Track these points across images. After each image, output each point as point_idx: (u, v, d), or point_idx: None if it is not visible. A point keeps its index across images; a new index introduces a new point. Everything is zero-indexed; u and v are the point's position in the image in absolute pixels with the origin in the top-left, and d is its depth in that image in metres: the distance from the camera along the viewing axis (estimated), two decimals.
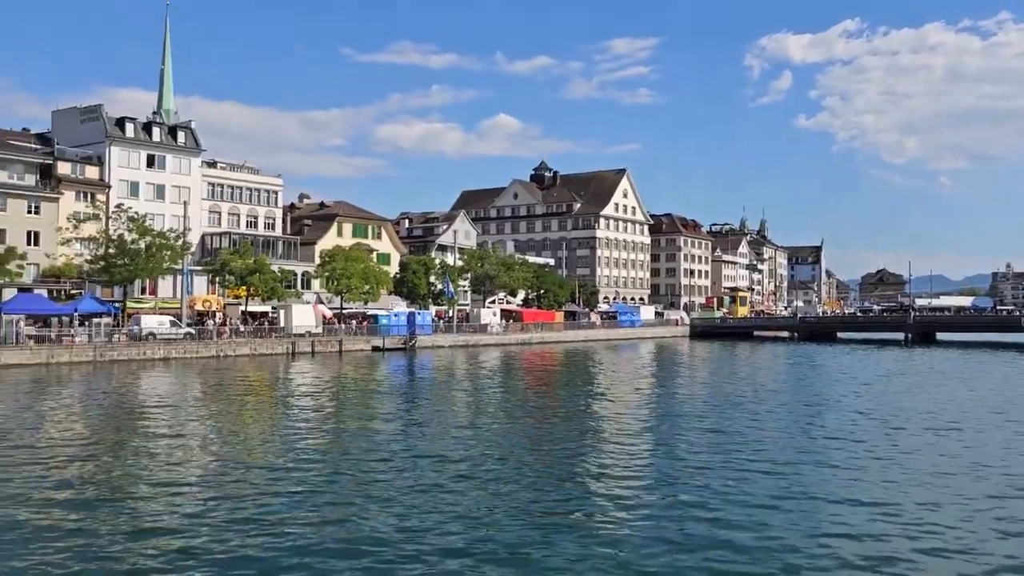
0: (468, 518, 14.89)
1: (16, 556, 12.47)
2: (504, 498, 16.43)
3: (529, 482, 17.97)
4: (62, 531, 13.80)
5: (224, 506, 15.50)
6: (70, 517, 14.68)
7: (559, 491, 17.15)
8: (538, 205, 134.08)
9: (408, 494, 16.57)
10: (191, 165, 78.12)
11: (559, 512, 15.44)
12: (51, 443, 22.47)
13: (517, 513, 15.31)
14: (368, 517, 14.85)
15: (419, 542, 13.43)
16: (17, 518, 14.51)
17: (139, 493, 16.65)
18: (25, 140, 73.73)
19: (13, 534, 13.53)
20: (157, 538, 13.54)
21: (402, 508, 15.48)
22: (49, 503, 15.68)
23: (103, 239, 61.36)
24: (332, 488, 17.09)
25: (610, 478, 18.52)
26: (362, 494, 16.58)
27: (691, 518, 15.04)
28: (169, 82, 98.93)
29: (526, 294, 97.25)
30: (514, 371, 51.24)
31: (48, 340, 51.04)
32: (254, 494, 16.46)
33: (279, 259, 77.69)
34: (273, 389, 38.92)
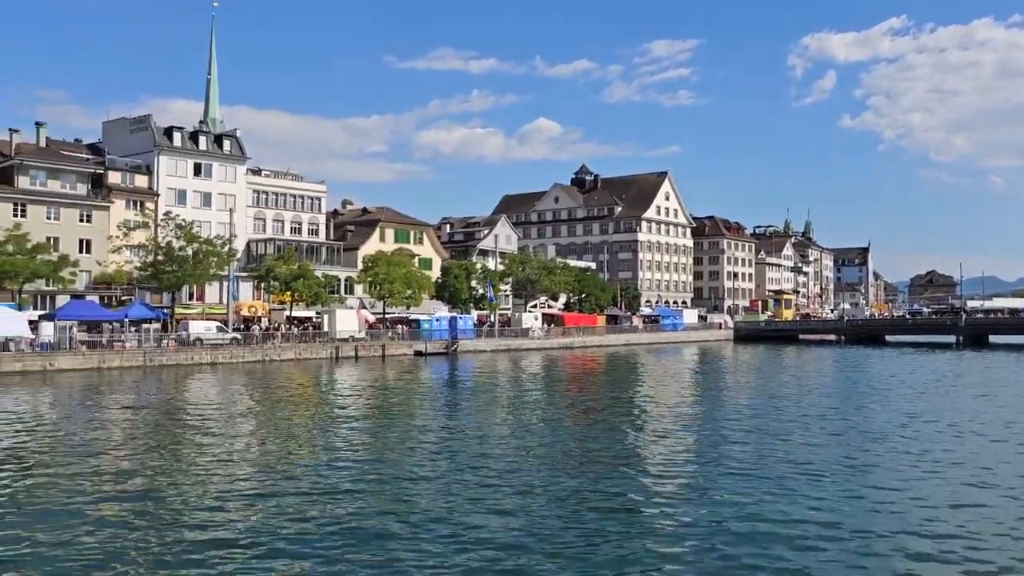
0: (511, 520, 14.82)
1: (68, 552, 12.70)
2: (547, 499, 16.33)
3: (573, 484, 17.85)
4: (111, 528, 14.03)
5: (270, 506, 15.63)
6: (120, 516, 14.92)
7: (604, 493, 17.00)
8: (579, 209, 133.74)
9: (451, 495, 16.56)
10: (236, 173, 79.40)
11: (604, 513, 15.29)
12: (102, 445, 22.91)
13: (560, 514, 15.21)
14: (411, 517, 14.86)
15: (462, 542, 13.40)
16: (69, 517, 14.78)
17: (188, 494, 16.87)
18: (77, 151, 75.64)
19: (65, 532, 13.78)
20: (204, 537, 13.69)
21: (445, 509, 15.47)
22: (99, 502, 15.95)
23: (152, 246, 62.61)
24: (376, 490, 17.15)
25: (654, 481, 18.32)
26: (406, 495, 16.61)
27: (736, 520, 14.80)
28: (215, 92, 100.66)
29: (567, 298, 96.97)
30: (556, 375, 51.09)
31: (100, 345, 52.18)
32: (299, 493, 16.59)
33: (323, 265, 78.54)
34: (318, 393, 39.29)
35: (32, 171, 66.88)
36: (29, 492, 17.04)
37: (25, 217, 64.04)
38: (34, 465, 19.99)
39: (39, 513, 15.21)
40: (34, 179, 66.90)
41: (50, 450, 22.15)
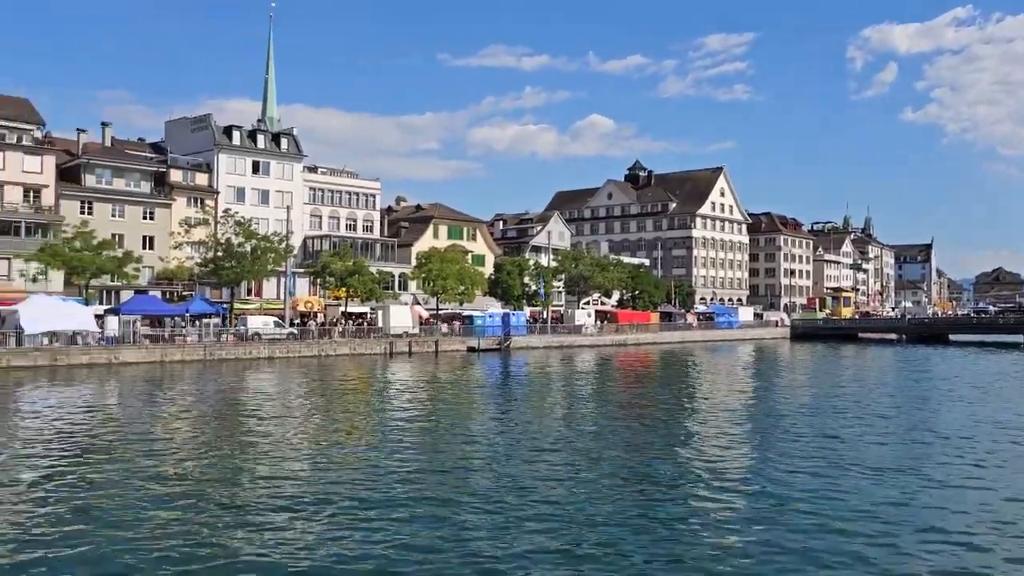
0: (564, 514, 14.77)
1: (127, 542, 13.04)
2: (601, 495, 16.25)
3: (627, 481, 17.73)
4: (170, 517, 14.35)
5: (323, 500, 15.84)
6: (179, 503, 15.26)
7: (657, 490, 16.84)
8: (633, 205, 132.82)
9: (504, 491, 16.57)
10: (293, 170, 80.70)
11: (658, 510, 15.15)
12: (164, 435, 23.50)
13: (613, 511, 15.11)
14: (463, 512, 14.91)
15: (514, 540, 13.39)
16: (132, 502, 15.18)
17: (247, 484, 17.18)
18: (141, 150, 77.71)
19: (128, 515, 14.15)
20: (260, 529, 13.93)
21: (497, 505, 15.48)
22: (158, 491, 16.34)
23: (212, 243, 64.03)
24: (429, 484, 17.25)
25: (710, 479, 18.08)
26: (459, 488, 16.67)
27: (792, 518, 14.52)
28: (272, 91, 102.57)
29: (621, 295, 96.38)
30: (609, 372, 50.82)
31: (162, 339, 53.55)
32: (351, 487, 16.76)
33: (377, 261, 79.38)
34: (372, 387, 39.72)
35: (98, 170, 68.94)
36: (93, 478, 17.54)
37: (92, 214, 66.04)
38: (99, 453, 20.59)
39: (103, 498, 15.64)
40: (100, 177, 68.93)
41: (115, 439, 22.78)
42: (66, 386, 37.28)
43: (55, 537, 13.28)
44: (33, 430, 24.47)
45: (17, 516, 14.56)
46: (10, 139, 64.58)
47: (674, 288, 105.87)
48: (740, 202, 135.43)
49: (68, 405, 30.44)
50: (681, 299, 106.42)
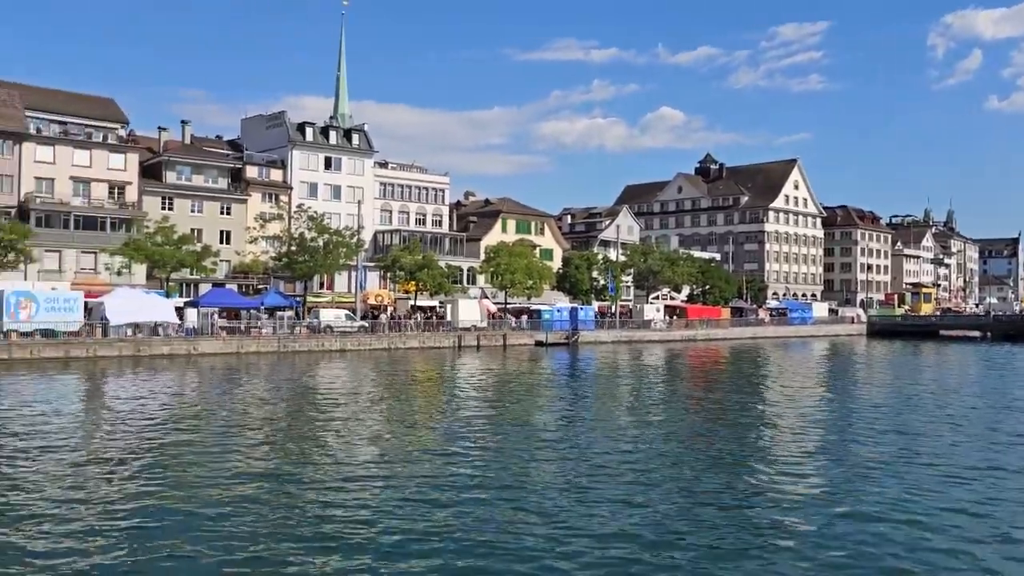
0: (629, 513, 14.64)
1: (204, 530, 13.42)
2: (667, 492, 16.05)
3: (694, 479, 17.48)
4: (244, 503, 14.72)
5: (390, 491, 16.02)
6: (253, 491, 15.63)
7: (726, 489, 16.55)
8: (703, 198, 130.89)
9: (570, 486, 16.51)
10: (364, 166, 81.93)
11: (725, 510, 14.90)
12: (241, 425, 24.13)
13: (680, 509, 14.92)
14: (529, 505, 14.91)
15: (580, 534, 13.33)
16: (208, 495, 15.62)
17: (318, 473, 17.51)
18: (218, 147, 79.94)
19: (205, 508, 14.57)
20: (330, 514, 14.18)
21: (562, 500, 15.44)
22: (235, 481, 16.76)
23: (286, 237, 65.50)
24: (498, 477, 17.30)
25: (780, 478, 17.68)
26: (525, 484, 16.69)
27: (866, 523, 14.09)
28: (344, 88, 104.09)
29: (691, 290, 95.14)
30: (678, 368, 50.23)
31: (238, 331, 55.01)
32: (420, 479, 16.92)
33: (446, 255, 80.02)
34: (441, 380, 40.08)
35: (178, 167, 71.20)
36: (173, 466, 18.12)
37: (172, 210, 68.25)
38: (180, 441, 21.25)
39: (183, 486, 16.14)
40: (180, 174, 71.18)
41: (195, 427, 23.49)
42: (149, 376, 38.62)
43: (136, 519, 13.76)
44: (120, 417, 25.42)
45: (104, 496, 15.12)
46: (96, 138, 67.16)
47: (745, 283, 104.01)
48: (815, 195, 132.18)
49: (151, 394, 31.53)
50: (753, 294, 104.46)
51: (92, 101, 71.75)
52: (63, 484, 16.25)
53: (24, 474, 17.12)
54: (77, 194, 65.01)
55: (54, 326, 46.77)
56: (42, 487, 15.97)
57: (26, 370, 39.57)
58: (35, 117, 65.34)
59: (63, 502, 14.85)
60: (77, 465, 18.12)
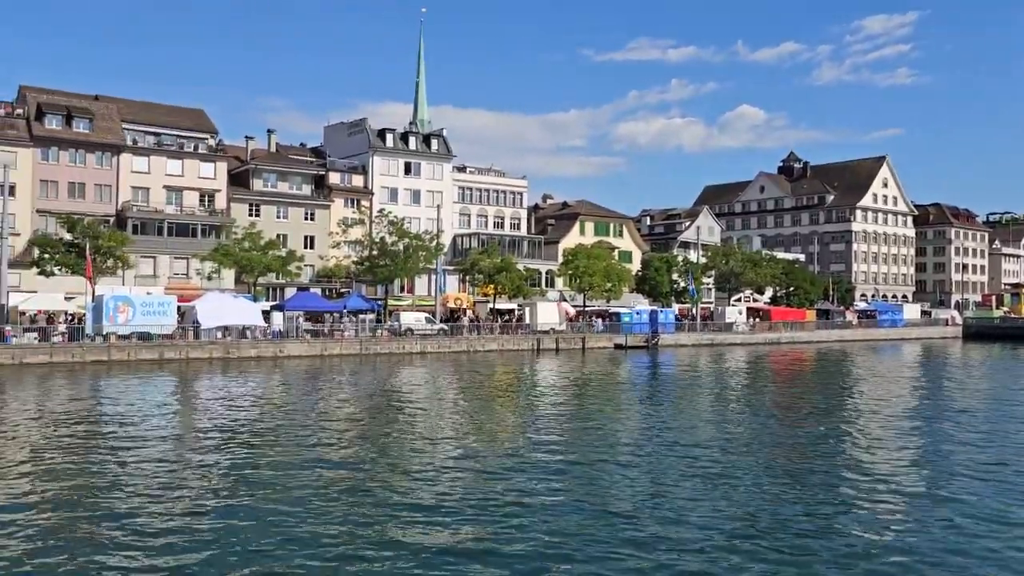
0: (715, 522, 14.34)
1: (288, 527, 13.72)
2: (751, 499, 15.66)
3: (778, 486, 17.00)
4: (326, 506, 14.99)
5: (472, 492, 16.08)
6: (336, 494, 15.91)
7: (813, 497, 16.05)
8: (787, 198, 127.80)
9: (649, 490, 16.28)
10: (443, 171, 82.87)
11: (811, 519, 14.44)
12: (325, 425, 24.64)
13: (763, 516, 14.53)
14: (610, 512, 14.75)
15: (662, 542, 13.12)
16: (293, 494, 15.97)
17: (399, 473, 17.72)
18: (302, 154, 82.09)
19: (290, 507, 14.90)
20: (409, 518, 14.31)
21: (642, 503, 15.23)
22: (320, 480, 17.09)
23: (367, 242, 66.74)
24: (575, 483, 17.19)
25: (868, 488, 17.05)
26: (605, 487, 16.53)
27: (959, 536, 13.46)
28: (423, 93, 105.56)
29: (774, 291, 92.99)
30: (762, 371, 49.11)
31: (322, 334, 56.25)
32: (499, 480, 16.94)
33: (524, 258, 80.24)
34: (520, 383, 40.14)
35: (265, 174, 73.40)
36: (262, 463, 18.61)
37: (259, 216, 70.38)
38: (269, 440, 21.82)
39: (272, 483, 16.55)
40: (266, 181, 73.37)
41: (282, 426, 24.09)
42: (238, 377, 39.83)
43: (224, 516, 14.16)
44: (212, 416, 26.30)
45: (196, 492, 15.64)
46: (188, 148, 69.78)
47: (832, 284, 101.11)
48: (905, 193, 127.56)
49: (241, 394, 32.51)
50: (839, 296, 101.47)
51: (184, 113, 74.58)
52: (156, 480, 16.87)
53: (121, 470, 17.84)
54: (170, 202, 67.67)
55: (149, 329, 48.69)
56: (137, 481, 16.61)
57: (123, 371, 41.34)
58: (131, 129, 68.31)
59: (155, 497, 15.40)
60: (171, 461, 18.80)
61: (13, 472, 17.69)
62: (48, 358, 43.92)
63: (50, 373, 40.02)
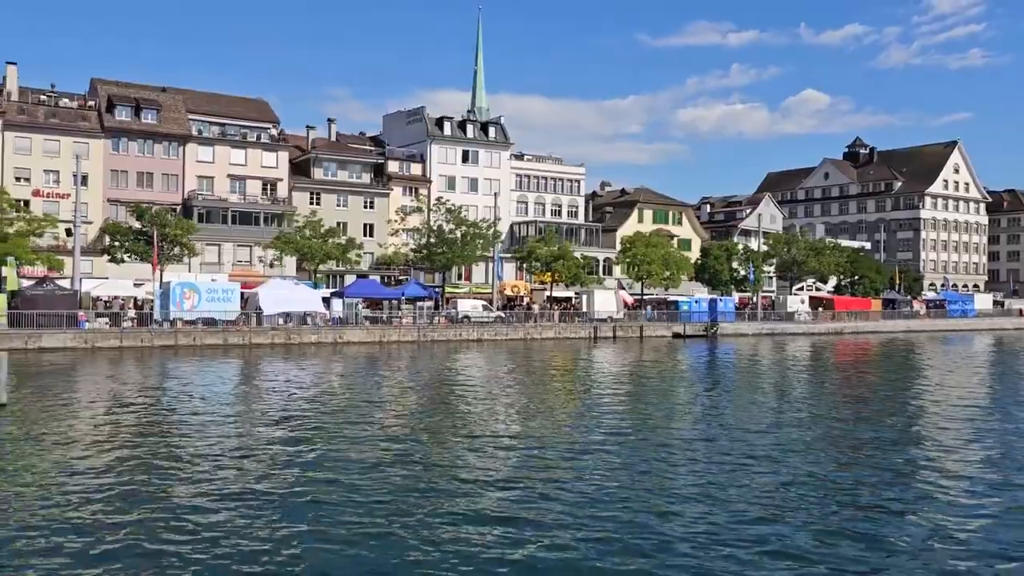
0: (777, 522, 14.04)
1: (348, 514, 13.85)
2: (813, 496, 15.29)
3: (842, 483, 16.57)
4: (384, 492, 15.11)
5: (526, 482, 16.04)
6: (394, 479, 16.03)
7: (880, 496, 15.61)
8: (852, 185, 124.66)
9: (708, 484, 16.03)
10: (501, 158, 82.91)
11: (880, 522, 14.04)
12: (386, 410, 24.89)
13: (826, 514, 14.17)
14: (668, 507, 14.56)
15: (719, 540, 12.90)
16: (353, 480, 16.15)
17: (455, 460, 17.77)
18: (362, 143, 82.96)
19: (351, 493, 15.06)
20: (463, 506, 14.34)
21: (702, 498, 15.00)
22: (379, 465, 17.24)
23: (425, 230, 67.22)
24: (632, 477, 17.02)
25: (938, 488, 16.50)
26: (662, 480, 16.33)
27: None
28: (481, 81, 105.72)
29: (838, 280, 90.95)
30: (824, 362, 48.06)
31: (380, 321, 56.91)
32: (555, 469, 16.86)
33: (582, 246, 79.90)
34: (577, 371, 39.99)
35: (325, 163, 74.45)
36: (324, 448, 18.87)
37: (319, 205, 71.45)
38: (330, 424, 22.12)
39: (332, 467, 16.77)
40: (326, 170, 74.40)
41: (343, 412, 24.40)
42: (299, 362, 40.53)
43: (287, 502, 14.39)
44: (275, 399, 26.80)
45: (259, 476, 15.93)
46: (251, 137, 71.12)
47: (899, 273, 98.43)
48: (978, 179, 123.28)
49: (303, 379, 33.06)
50: (907, 285, 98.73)
51: (247, 103, 75.97)
52: (220, 461, 17.22)
53: (187, 452, 18.27)
54: (234, 191, 69.15)
55: (214, 315, 49.85)
56: (202, 464, 16.98)
57: (190, 356, 42.43)
58: (197, 120, 69.88)
59: (219, 478, 15.73)
60: (235, 444, 19.18)
61: (85, 453, 18.27)
62: (119, 343, 45.30)
63: (120, 357, 41.28)
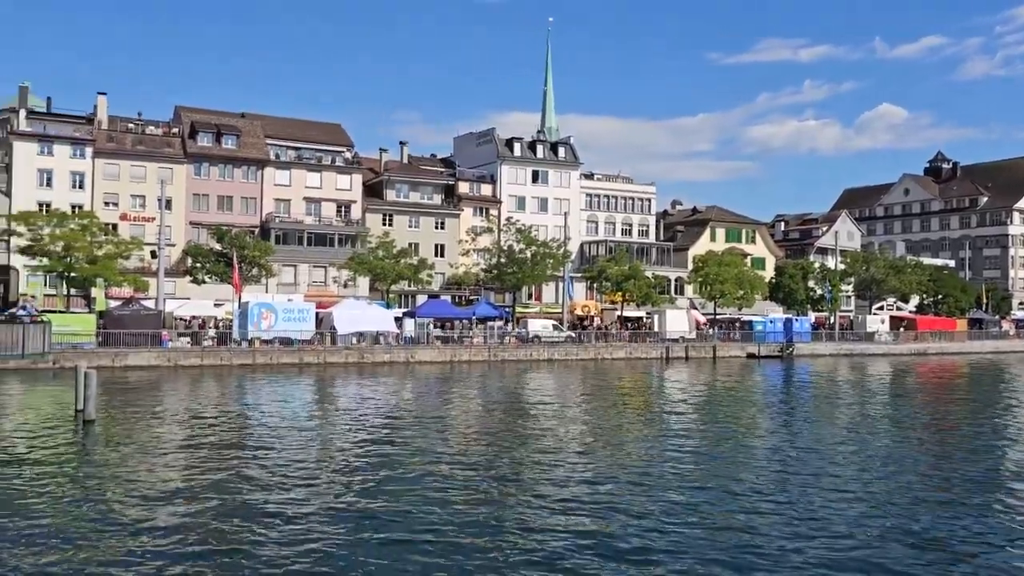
0: (852, 541, 13.56)
1: (419, 529, 13.90)
2: (895, 528, 14.73)
3: (927, 515, 15.92)
4: (455, 501, 15.13)
5: (600, 503, 15.86)
6: (465, 497, 16.05)
7: (966, 531, 14.94)
8: (934, 201, 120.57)
9: (784, 508, 15.59)
10: (570, 178, 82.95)
11: (960, 549, 13.43)
12: (456, 430, 25.01)
13: (910, 542, 13.63)
14: (743, 524, 14.22)
15: (801, 561, 12.52)
16: (425, 495, 16.22)
17: (524, 479, 17.70)
18: (433, 165, 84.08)
19: (421, 510, 15.14)
20: (537, 531, 14.25)
21: (778, 521, 14.59)
22: (445, 479, 17.29)
23: (496, 250, 67.60)
24: (709, 502, 16.67)
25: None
26: (738, 503, 15.95)
27: None
28: (551, 102, 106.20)
29: (920, 299, 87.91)
30: (906, 384, 46.41)
31: (451, 341, 57.32)
32: (628, 492, 16.64)
33: (653, 265, 79.20)
34: (649, 391, 39.52)
35: (397, 185, 75.71)
36: (396, 465, 19.03)
37: (391, 226, 72.55)
38: (402, 442, 22.32)
39: (406, 480, 16.90)
40: (399, 192, 75.63)
41: (416, 430, 24.60)
42: (372, 381, 41.08)
43: (358, 516, 14.54)
44: (350, 417, 27.21)
45: (332, 490, 16.15)
46: (326, 161, 72.85)
47: (986, 292, 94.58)
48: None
49: (376, 398, 33.50)
50: (994, 304, 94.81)
51: (322, 128, 77.91)
52: (296, 476, 17.52)
53: (264, 466, 18.64)
54: (309, 213, 70.81)
55: (290, 335, 50.98)
56: (278, 478, 17.30)
57: (267, 374, 43.44)
58: (274, 144, 71.96)
59: (295, 492, 15.99)
60: (310, 459, 19.50)
61: (169, 465, 18.83)
62: (200, 361, 46.70)
63: (201, 375, 42.54)
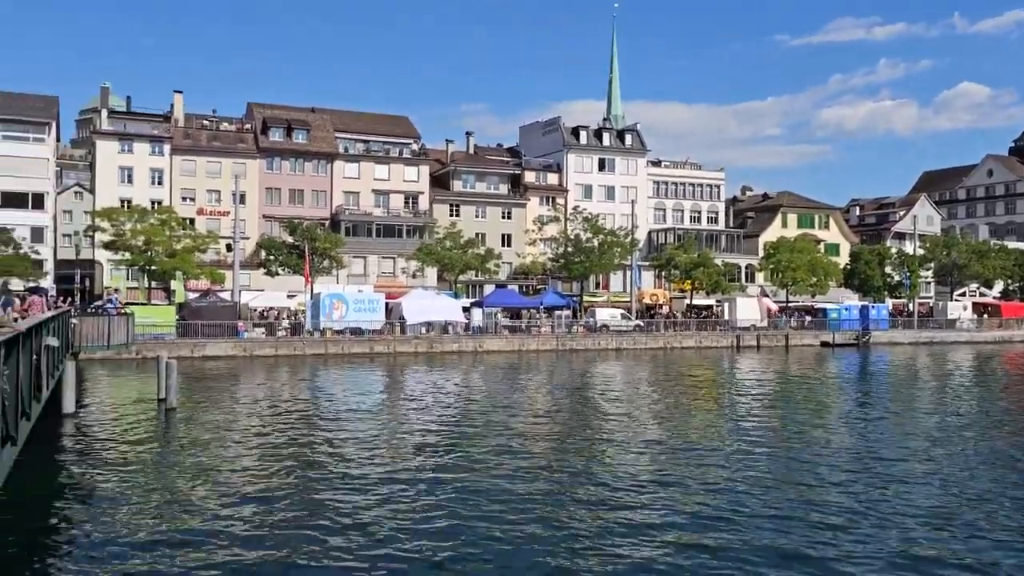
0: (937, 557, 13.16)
1: (490, 519, 13.99)
2: (981, 531, 14.23)
3: (1001, 504, 15.33)
4: (525, 491, 15.18)
5: (669, 492, 15.73)
6: (534, 486, 16.09)
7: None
8: (1019, 182, 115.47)
9: (857, 499, 15.21)
10: (637, 166, 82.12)
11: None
12: (526, 419, 25.07)
13: (984, 539, 13.15)
14: (813, 518, 13.92)
15: (878, 553, 12.21)
16: (494, 484, 16.32)
17: (595, 469, 17.67)
18: (499, 155, 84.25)
19: (489, 499, 15.24)
20: (609, 514, 14.21)
21: (850, 516, 14.25)
22: (518, 468, 17.36)
23: (562, 239, 67.47)
24: (781, 497, 16.37)
25: None
26: (812, 497, 15.63)
27: None
28: (616, 89, 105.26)
29: (1005, 285, 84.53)
30: (993, 373, 44.71)
31: (519, 330, 57.48)
32: (697, 484, 16.46)
33: (722, 252, 77.95)
34: (719, 381, 38.97)
35: (464, 175, 76.06)
36: (467, 453, 19.21)
37: (459, 216, 72.99)
38: (474, 432, 22.52)
39: (477, 473, 17.03)
40: (465, 183, 75.98)
41: (486, 419, 24.78)
42: (441, 371, 41.50)
43: (429, 495, 14.73)
44: (422, 406, 27.58)
45: (404, 479, 16.38)
46: (394, 153, 73.65)
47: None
48: None
49: (447, 387, 33.84)
50: None
51: (389, 120, 78.75)
52: (370, 464, 17.83)
53: (340, 451, 19.03)
54: (378, 205, 71.74)
55: (361, 325, 51.83)
56: (354, 468, 17.63)
57: (339, 363, 44.29)
58: (343, 138, 73.05)
59: (368, 481, 16.27)
60: (384, 448, 19.83)
61: (248, 452, 19.37)
62: (274, 351, 47.87)
63: (276, 364, 43.61)
